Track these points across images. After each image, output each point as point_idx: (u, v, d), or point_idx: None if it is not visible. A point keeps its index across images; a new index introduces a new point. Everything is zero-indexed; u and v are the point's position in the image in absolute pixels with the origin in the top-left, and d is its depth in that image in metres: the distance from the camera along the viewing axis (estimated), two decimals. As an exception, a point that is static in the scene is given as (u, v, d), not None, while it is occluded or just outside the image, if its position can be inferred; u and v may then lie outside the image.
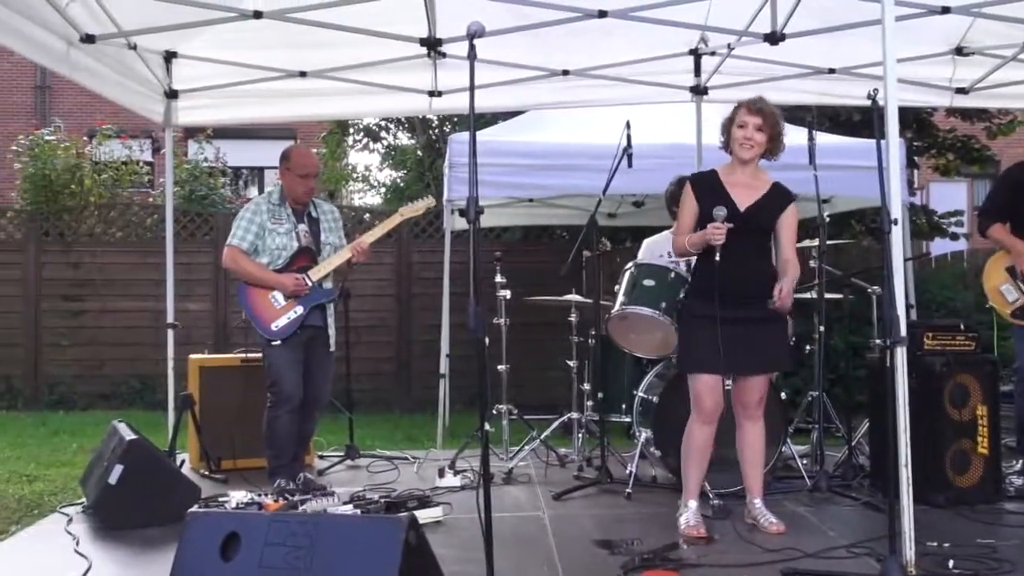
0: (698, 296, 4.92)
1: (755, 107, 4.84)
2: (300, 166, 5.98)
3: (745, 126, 4.83)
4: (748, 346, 4.78)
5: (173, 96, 6.98)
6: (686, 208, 4.96)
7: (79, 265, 11.65)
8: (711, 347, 4.71)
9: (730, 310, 4.71)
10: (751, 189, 4.90)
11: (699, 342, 4.83)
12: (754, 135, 4.82)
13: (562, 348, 7.10)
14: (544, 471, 6.60)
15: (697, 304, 4.89)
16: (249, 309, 5.90)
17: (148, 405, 11.09)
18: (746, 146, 4.84)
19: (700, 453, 4.97)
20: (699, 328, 4.83)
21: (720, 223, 4.67)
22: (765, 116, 4.83)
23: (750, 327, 4.78)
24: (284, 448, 5.85)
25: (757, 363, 4.87)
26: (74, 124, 17.87)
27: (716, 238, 4.66)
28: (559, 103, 7.40)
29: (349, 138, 17.47)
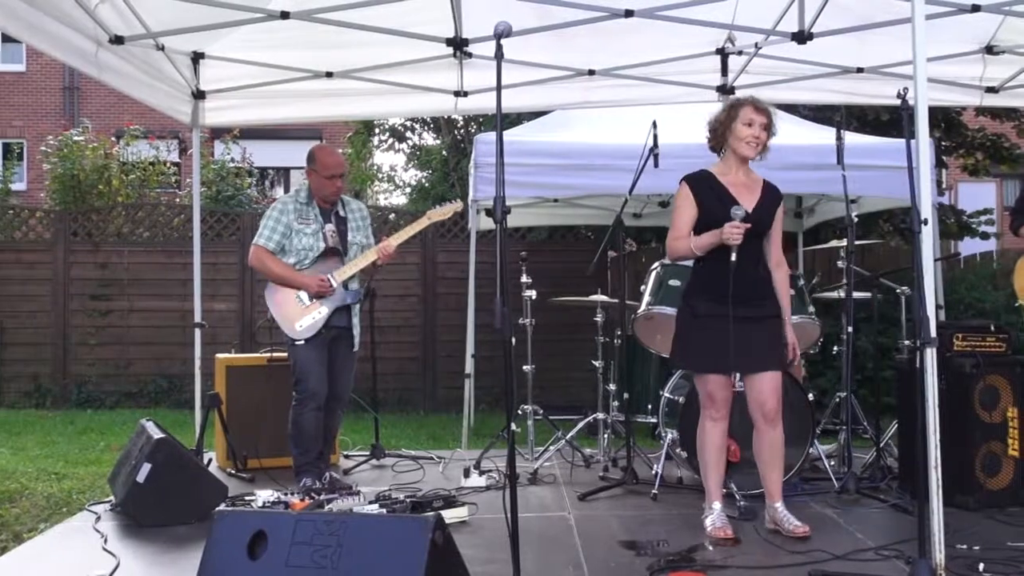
0: (701, 296, 4.88)
1: (760, 105, 4.82)
2: (326, 167, 6.00)
3: (752, 124, 4.80)
4: (751, 345, 4.77)
5: (200, 97, 7.01)
6: (684, 210, 4.89)
7: (107, 265, 11.74)
8: (719, 347, 4.69)
9: (737, 309, 4.70)
10: (749, 189, 4.89)
11: (705, 342, 4.81)
12: (761, 134, 4.81)
13: (588, 348, 7.09)
14: (570, 471, 6.59)
15: (701, 304, 4.86)
16: (274, 308, 5.93)
17: (175, 404, 11.18)
18: (753, 144, 4.82)
19: (717, 452, 4.95)
20: (703, 328, 4.81)
21: (739, 223, 4.65)
22: (770, 115, 4.83)
23: (751, 326, 4.77)
24: (310, 445, 5.87)
25: (761, 361, 4.85)
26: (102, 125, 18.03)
27: (735, 238, 4.64)
28: (585, 103, 7.38)
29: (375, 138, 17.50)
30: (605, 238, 6.45)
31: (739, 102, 4.88)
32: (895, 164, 5.99)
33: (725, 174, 4.91)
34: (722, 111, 4.93)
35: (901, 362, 6.06)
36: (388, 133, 17.32)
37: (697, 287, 4.96)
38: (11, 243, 12.00)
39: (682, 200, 4.92)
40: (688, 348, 4.97)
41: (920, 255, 4.10)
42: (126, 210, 12.42)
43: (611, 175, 7.62)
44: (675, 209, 4.98)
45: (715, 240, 4.71)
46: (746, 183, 4.89)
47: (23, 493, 6.94)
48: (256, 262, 5.96)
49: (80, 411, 11.12)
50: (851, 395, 6.41)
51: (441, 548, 3.26)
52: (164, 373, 11.52)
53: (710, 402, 4.89)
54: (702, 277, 4.92)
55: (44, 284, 11.71)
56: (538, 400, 7.03)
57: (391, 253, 5.98)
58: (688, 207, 4.88)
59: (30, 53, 22.60)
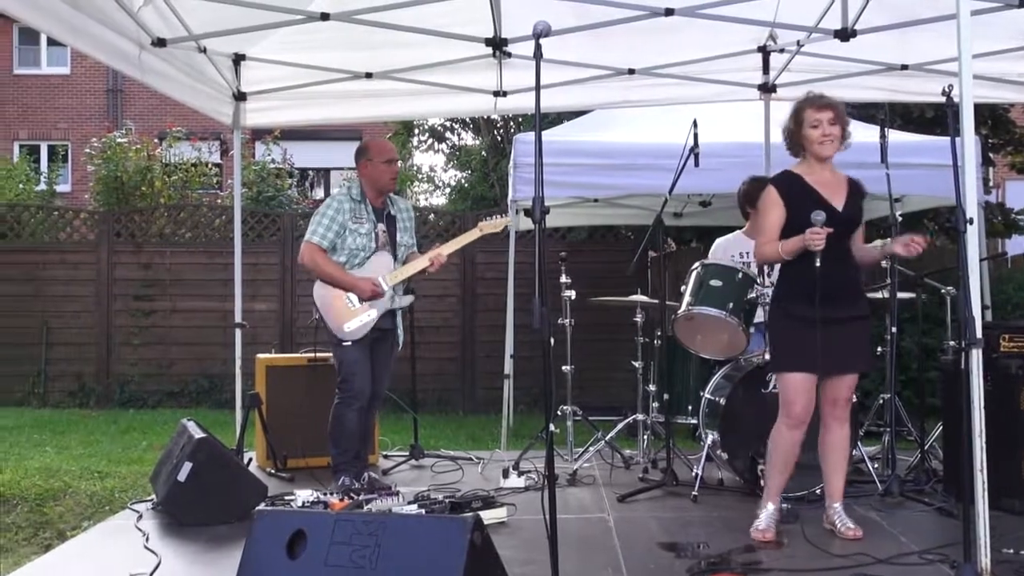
0: (792, 298, 4.83)
1: (821, 103, 4.77)
2: (382, 151, 6.01)
3: (819, 124, 4.74)
4: (841, 346, 4.71)
5: (241, 98, 7.07)
6: (772, 213, 4.84)
7: (149, 265, 11.88)
8: (808, 348, 4.63)
9: (828, 310, 4.63)
10: (837, 187, 4.84)
11: (795, 343, 4.76)
12: (831, 130, 4.75)
13: (627, 349, 7.06)
14: (609, 473, 6.57)
15: (792, 306, 4.81)
16: (324, 309, 5.90)
17: (216, 404, 11.28)
18: (826, 143, 4.76)
19: (785, 458, 4.88)
20: (795, 330, 4.76)
21: (820, 227, 4.59)
22: (834, 107, 4.77)
23: (842, 327, 4.72)
24: (350, 444, 5.88)
25: (850, 362, 4.81)
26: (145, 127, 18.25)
27: (817, 243, 4.57)
28: (625, 102, 7.37)
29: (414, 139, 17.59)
30: (645, 238, 6.41)
31: (800, 106, 4.82)
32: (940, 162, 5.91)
33: (810, 173, 4.85)
34: (789, 118, 4.88)
35: (946, 363, 5.99)
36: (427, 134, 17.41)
37: (788, 289, 4.90)
38: (56, 244, 12.18)
39: (769, 203, 4.85)
40: (778, 348, 4.92)
41: (965, 254, 4.05)
42: (168, 211, 12.57)
43: (651, 175, 7.59)
44: (762, 213, 4.92)
45: (801, 245, 4.66)
46: (832, 181, 4.84)
47: (67, 492, 7.05)
48: (308, 260, 5.90)
49: (123, 410, 11.26)
50: (895, 397, 6.34)
51: (480, 549, 3.27)
52: (205, 373, 11.63)
53: (789, 407, 4.80)
54: (792, 279, 4.86)
55: (88, 284, 11.87)
56: (577, 401, 7.01)
57: (442, 262, 5.99)
58: (776, 210, 4.82)
59: (74, 56, 22.91)
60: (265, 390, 6.82)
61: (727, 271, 5.85)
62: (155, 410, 11.31)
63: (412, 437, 7.35)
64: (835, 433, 4.90)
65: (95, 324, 11.82)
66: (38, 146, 22.87)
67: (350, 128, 18.29)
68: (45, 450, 8.56)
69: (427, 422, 9.54)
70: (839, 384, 4.85)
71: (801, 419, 4.80)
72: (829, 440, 4.93)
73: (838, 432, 4.90)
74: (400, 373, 6.34)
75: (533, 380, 10.14)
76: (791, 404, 4.79)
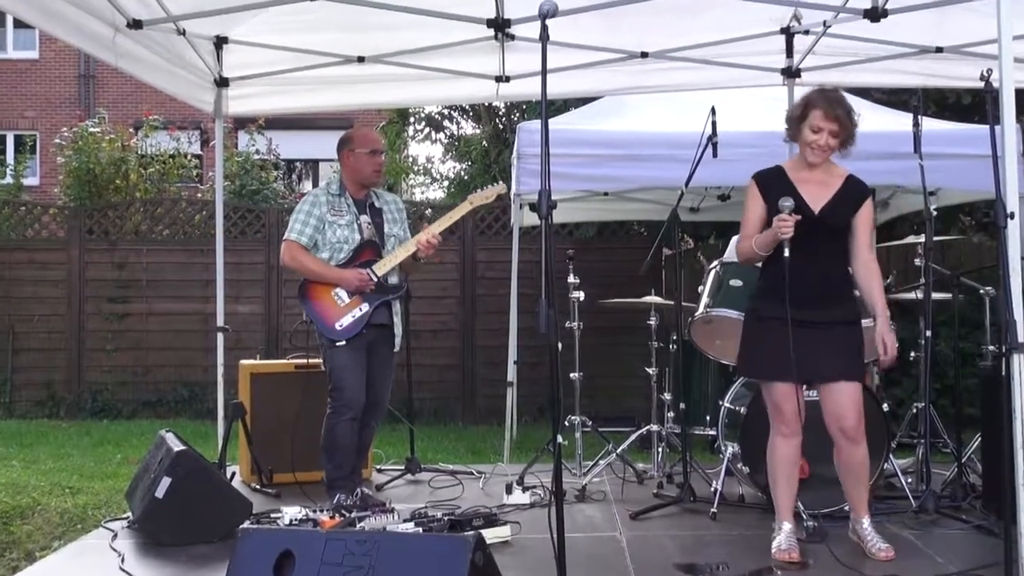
0: (766, 297, 4.86)
1: (833, 111, 4.74)
2: (366, 141, 6.03)
3: (820, 132, 4.75)
4: (822, 351, 4.72)
5: (223, 84, 7.07)
6: (751, 209, 4.89)
7: (124, 265, 11.89)
8: (782, 352, 4.65)
9: (804, 312, 4.65)
10: (823, 186, 4.84)
11: (768, 347, 4.78)
12: (828, 142, 4.76)
13: (640, 354, 7.07)
14: (621, 488, 6.57)
15: (765, 306, 4.85)
16: (311, 308, 5.90)
17: (196, 414, 11.29)
18: (817, 152, 4.79)
19: (788, 469, 4.91)
20: (767, 332, 4.79)
21: (787, 214, 4.61)
22: (842, 123, 4.74)
23: (823, 331, 4.73)
24: (344, 458, 5.87)
25: (832, 369, 4.79)
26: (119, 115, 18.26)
27: (784, 231, 4.61)
28: (637, 88, 7.36)
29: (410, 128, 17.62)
30: (659, 234, 6.42)
31: (812, 103, 4.80)
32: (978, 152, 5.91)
33: (797, 170, 4.89)
34: (798, 104, 4.88)
35: (985, 369, 5.99)
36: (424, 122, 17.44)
37: (763, 289, 4.94)
38: (23, 242, 12.19)
39: (750, 199, 4.91)
40: (751, 354, 4.96)
41: (1006, 252, 4.04)
42: (145, 206, 12.57)
43: (666, 166, 7.59)
44: (744, 208, 4.96)
45: (772, 237, 4.69)
46: (822, 179, 4.85)
47: (35, 509, 7.05)
48: (289, 259, 5.96)
49: (96, 421, 11.27)
50: (930, 406, 6.33)
51: (482, 570, 3.27)
52: (185, 381, 11.65)
53: (778, 415, 4.86)
54: (768, 279, 4.90)
55: (58, 285, 11.88)
56: (587, 411, 7.02)
57: (433, 242, 5.90)
58: (755, 206, 4.87)
59: (43, 39, 22.93)
60: (249, 399, 6.82)
61: (748, 270, 5.84)
62: (130, 421, 11.32)
63: (408, 450, 7.35)
64: (848, 454, 4.87)
65: (65, 328, 11.82)
66: (4, 136, 22.93)
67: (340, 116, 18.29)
68: (11, 464, 8.57)
69: (424, 433, 9.54)
70: (837, 402, 4.81)
71: (793, 424, 4.84)
72: (844, 461, 4.92)
73: (851, 452, 4.86)
74: (395, 381, 6.34)
75: (539, 388, 10.15)
76: (780, 412, 4.84)
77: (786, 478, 4.92)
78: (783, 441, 4.88)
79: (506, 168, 13.26)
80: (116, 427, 10.84)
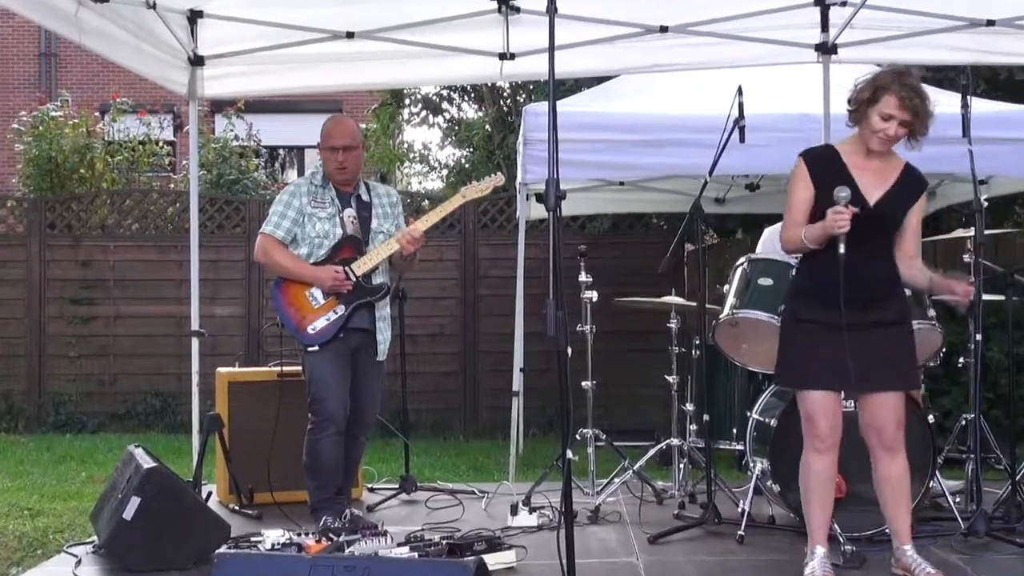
0: (806, 296, 4.86)
1: (909, 99, 4.68)
2: (325, 136, 6.03)
3: (890, 120, 4.71)
4: (870, 357, 4.71)
5: (198, 63, 7.08)
6: (797, 192, 4.86)
7: (90, 263, 11.88)
8: (823, 358, 4.65)
9: (849, 315, 4.63)
10: (880, 176, 4.83)
11: (808, 352, 4.78)
12: (897, 131, 4.73)
13: (660, 361, 7.07)
14: (638, 508, 6.57)
15: (805, 307, 4.84)
16: (282, 309, 5.92)
17: (169, 427, 11.30)
18: (883, 142, 4.77)
19: (822, 488, 4.89)
20: (807, 335, 4.78)
21: (844, 206, 4.60)
22: (916, 112, 4.69)
23: (871, 334, 4.72)
24: (329, 478, 5.88)
25: (881, 378, 4.78)
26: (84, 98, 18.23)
27: (839, 225, 4.58)
28: (656, 66, 7.36)
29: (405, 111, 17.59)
30: (680, 228, 6.41)
31: (884, 86, 4.73)
32: (1034, 136, 5.93)
33: (853, 152, 4.86)
34: (868, 84, 4.80)
35: (1042, 377, 5.98)
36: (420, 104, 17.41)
37: (803, 287, 4.93)
38: (-23, 237, 12.20)
39: (797, 180, 4.88)
40: (788, 360, 4.94)
41: (1065, 247, 4.04)
42: (112, 198, 12.57)
43: (687, 152, 7.59)
44: (789, 190, 4.94)
45: (824, 230, 4.67)
46: (878, 167, 4.83)
47: (-8, 532, 7.05)
48: (261, 254, 6.00)
49: (58, 435, 11.26)
50: (980, 417, 6.32)
51: (483, 599, 3.27)
52: (156, 391, 11.64)
53: (812, 428, 4.83)
54: (809, 274, 4.89)
55: (16, 286, 11.88)
56: (600, 423, 7.02)
57: (417, 239, 5.89)
58: (802, 188, 4.85)
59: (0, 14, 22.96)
60: (227, 411, 6.83)
61: (779, 267, 5.85)
62: (96, 435, 11.32)
63: (403, 467, 7.36)
64: (887, 466, 4.88)
65: (24, 333, 11.82)
66: (-44, 121, 22.95)
67: (328, 98, 18.34)
68: (-35, 483, 8.58)
69: (421, 448, 9.55)
70: (879, 408, 4.82)
71: (828, 440, 4.82)
72: (883, 474, 4.91)
73: (891, 464, 4.86)
74: (389, 390, 6.34)
75: (547, 398, 10.14)
76: (815, 426, 4.82)
77: (820, 498, 4.90)
78: (817, 457, 4.86)
79: (511, 155, 13.26)
80: (80, 442, 10.84)
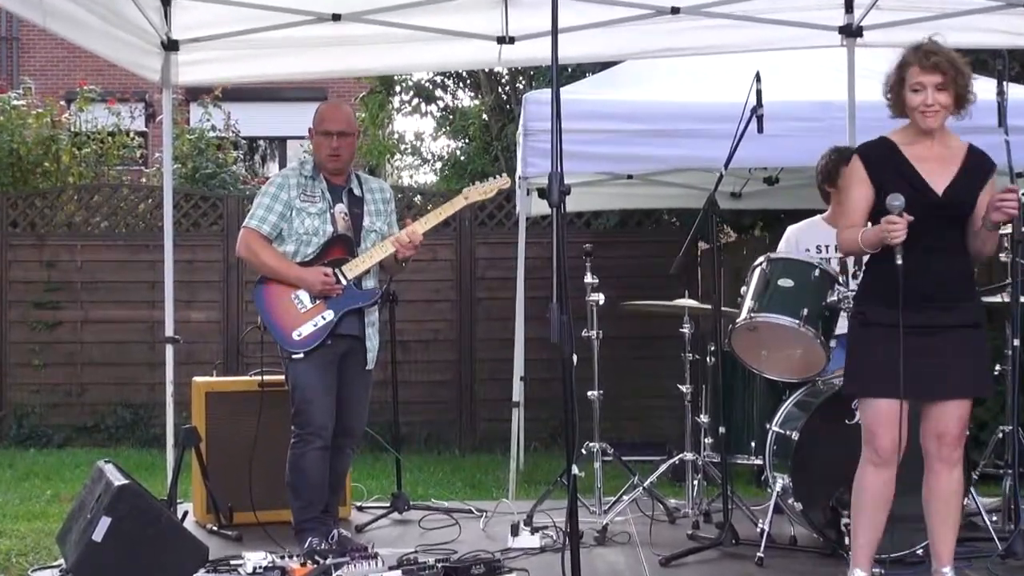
0: (875, 298, 4.84)
1: (928, 62, 4.72)
2: (319, 120, 6.02)
3: (921, 89, 4.72)
4: (941, 363, 4.71)
5: (172, 48, 7.07)
6: (855, 191, 4.86)
7: (55, 264, 11.86)
8: (890, 364, 4.63)
9: (920, 316, 4.64)
10: (944, 162, 4.82)
11: (876, 358, 4.76)
12: (936, 98, 4.73)
13: (672, 369, 7.06)
14: (649, 529, 6.57)
15: (874, 309, 4.82)
16: (266, 312, 5.90)
17: (141, 441, 11.28)
18: (928, 114, 4.75)
19: (875, 506, 4.86)
20: (876, 340, 4.77)
21: (897, 215, 4.59)
22: (944, 70, 4.72)
23: (943, 338, 4.72)
24: (315, 495, 5.88)
25: (953, 385, 4.78)
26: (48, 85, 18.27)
27: (894, 235, 4.58)
28: (667, 50, 7.38)
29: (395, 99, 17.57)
30: (694, 226, 6.41)
31: (904, 61, 4.78)
32: (1076, 126, 5.92)
33: (910, 142, 4.85)
34: (893, 71, 4.85)
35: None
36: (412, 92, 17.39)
37: (870, 288, 4.93)
38: (-66, 237, 12.19)
39: (853, 179, 4.88)
40: (854, 366, 4.93)
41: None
42: (79, 193, 12.56)
43: (701, 143, 7.59)
44: (844, 190, 4.95)
45: (879, 237, 4.67)
46: (941, 153, 4.83)
47: (-50, 555, 7.05)
48: (244, 250, 5.97)
49: (21, 450, 11.25)
50: (1018, 429, 6.32)
51: (482, 627, 3.28)
52: (127, 402, 11.62)
53: (873, 439, 4.80)
54: (876, 275, 4.87)
55: (-25, 289, 11.88)
56: (608, 436, 7.01)
57: (415, 243, 5.91)
58: (860, 187, 4.84)
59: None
60: (205, 423, 6.82)
61: (800, 267, 5.85)
62: (62, 450, 11.31)
63: (394, 483, 7.36)
64: (942, 478, 4.87)
65: (-15, 340, 11.84)
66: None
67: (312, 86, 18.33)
68: (-79, 502, 8.58)
69: (414, 464, 9.54)
70: (943, 414, 4.81)
71: (889, 455, 4.79)
72: (935, 487, 4.89)
73: (946, 477, 4.86)
74: (379, 400, 6.33)
75: (550, 409, 10.13)
76: (875, 437, 4.79)
77: (871, 516, 4.88)
78: (874, 472, 4.83)
79: (510, 146, 13.26)
80: (45, 457, 10.84)
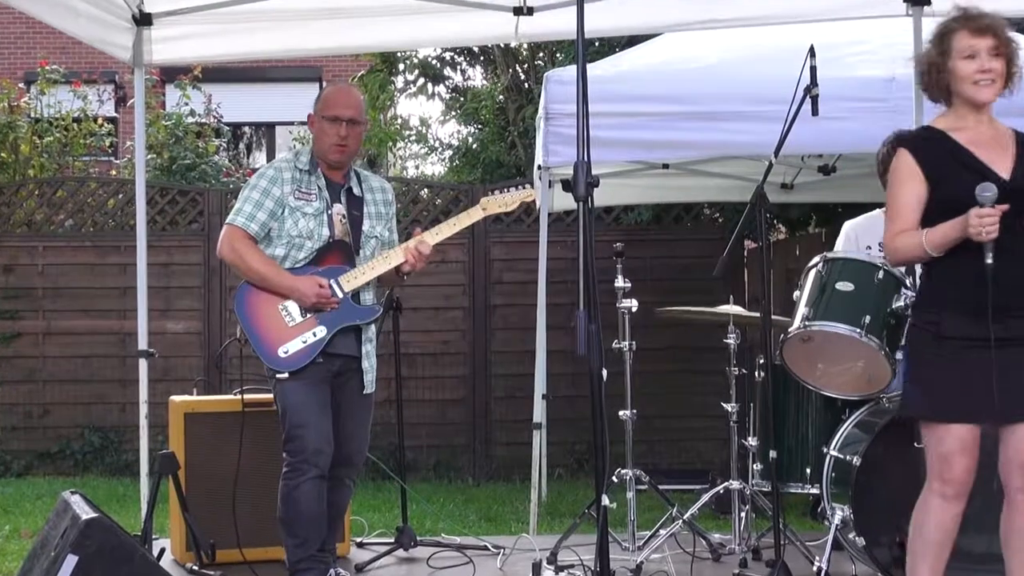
0: (946, 310, 4.80)
1: (978, 24, 4.71)
2: (328, 103, 5.98)
3: (976, 55, 4.70)
4: (1017, 380, 4.68)
5: (145, 22, 7.08)
6: (905, 189, 4.82)
7: (13, 268, 11.89)
8: (969, 385, 4.61)
9: (999, 328, 4.60)
10: (1000, 147, 4.80)
11: (949, 377, 4.72)
12: (992, 64, 4.71)
13: (715, 385, 7.06)
14: (690, 567, 6.57)
15: (948, 321, 4.78)
16: (248, 322, 5.86)
17: (112, 469, 11.31)
18: (985, 82, 4.73)
19: (939, 544, 4.84)
20: (949, 357, 4.74)
21: (991, 206, 4.54)
22: (997, 32, 4.71)
23: (1020, 352, 4.69)
24: (311, 531, 5.85)
25: None
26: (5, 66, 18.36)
27: (989, 231, 4.53)
28: (707, 22, 7.37)
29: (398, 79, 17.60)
30: (739, 222, 6.41)
31: (946, 27, 4.77)
32: None
33: (959, 128, 4.82)
34: (931, 46, 4.84)
35: None
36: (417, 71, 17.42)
37: (938, 296, 4.87)
38: None
39: (902, 173, 4.84)
40: (924, 385, 4.87)
41: None
42: (41, 188, 12.59)
43: (747, 127, 7.58)
44: (891, 187, 4.90)
45: (959, 234, 4.62)
46: (993, 137, 4.82)
47: None
48: (228, 250, 5.90)
49: (-23, 480, 11.30)
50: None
51: None
52: (96, 424, 11.64)
53: (945, 469, 4.76)
54: (945, 281, 4.82)
55: (-76, 296, 11.93)
56: (642, 462, 7.01)
57: (426, 255, 5.91)
58: (912, 183, 4.80)
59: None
60: (183, 448, 6.82)
61: (862, 269, 5.83)
62: (22, 479, 11.34)
63: (400, 517, 7.36)
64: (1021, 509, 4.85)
65: (-65, 354, 11.88)
66: None
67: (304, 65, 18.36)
68: None
69: (421, 494, 9.54)
70: (1018, 437, 4.77)
71: (961, 487, 4.77)
72: (1015, 524, 4.86)
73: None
74: (381, 422, 6.32)
75: (577, 432, 10.14)
76: (950, 467, 4.75)
77: (935, 555, 4.85)
78: (942, 505, 4.80)
79: (528, 131, 13.27)
80: (3, 487, 10.87)
